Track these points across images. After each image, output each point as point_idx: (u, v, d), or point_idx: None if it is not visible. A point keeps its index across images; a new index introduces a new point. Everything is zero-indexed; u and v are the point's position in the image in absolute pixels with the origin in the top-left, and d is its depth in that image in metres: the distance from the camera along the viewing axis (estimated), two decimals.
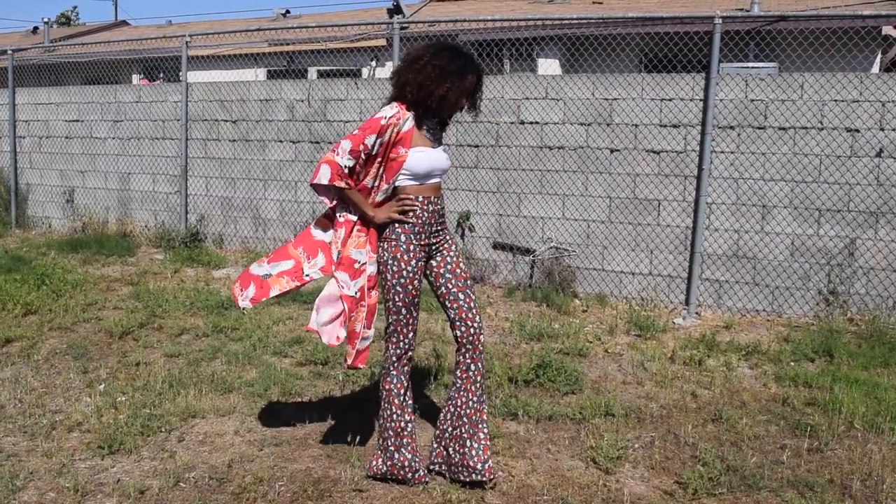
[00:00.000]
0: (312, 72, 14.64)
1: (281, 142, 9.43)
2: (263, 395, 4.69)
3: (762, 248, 7.15)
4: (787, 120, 7.01)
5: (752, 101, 7.09)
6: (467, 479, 3.54)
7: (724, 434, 4.30)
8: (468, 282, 3.63)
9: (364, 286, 3.54)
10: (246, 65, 15.38)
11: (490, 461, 3.57)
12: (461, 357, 3.59)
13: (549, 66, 12.99)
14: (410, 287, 3.50)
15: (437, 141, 3.59)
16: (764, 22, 9.86)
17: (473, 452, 3.54)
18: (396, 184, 3.51)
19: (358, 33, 14.04)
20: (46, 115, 11.42)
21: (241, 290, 3.71)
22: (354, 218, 3.58)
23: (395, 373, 3.59)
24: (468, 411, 3.58)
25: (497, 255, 8.23)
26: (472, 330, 3.56)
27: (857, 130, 6.85)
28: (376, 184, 3.53)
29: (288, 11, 19.70)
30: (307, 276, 3.67)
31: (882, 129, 6.78)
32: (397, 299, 3.50)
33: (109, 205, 10.89)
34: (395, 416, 3.58)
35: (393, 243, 3.50)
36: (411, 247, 3.51)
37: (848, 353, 5.82)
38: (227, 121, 9.76)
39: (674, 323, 6.82)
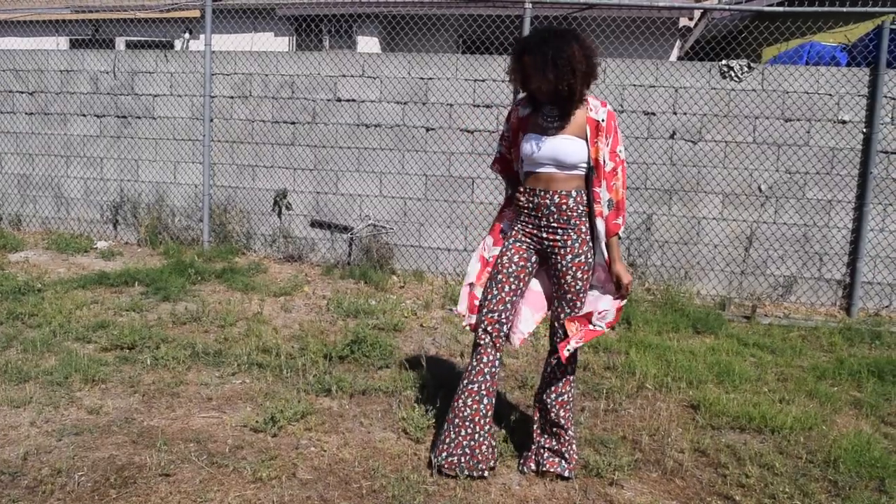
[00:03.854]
0: (120, 42, 13.87)
1: (84, 116, 8.89)
2: (64, 382, 4.44)
3: None
4: None
5: None
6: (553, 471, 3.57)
7: (529, 399, 4.50)
8: (569, 295, 3.49)
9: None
10: (45, 32, 14.33)
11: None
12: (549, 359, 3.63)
13: (368, 43, 12.98)
14: (500, 260, 3.55)
15: (553, 129, 3.44)
16: (570, 9, 10.31)
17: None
18: (523, 169, 3.56)
19: (170, 3, 13.43)
20: None
21: (468, 315, 3.68)
22: None
23: (476, 344, 3.56)
24: (553, 411, 3.59)
25: (315, 233, 8.18)
26: (556, 338, 3.55)
27: (654, 114, 7.34)
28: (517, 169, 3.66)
29: None
30: (489, 257, 3.70)
31: (675, 113, 7.30)
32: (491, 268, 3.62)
33: None
34: (458, 398, 3.55)
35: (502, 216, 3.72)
36: (511, 225, 3.63)
37: (644, 321, 6.26)
38: (23, 92, 9.08)
39: None
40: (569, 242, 3.46)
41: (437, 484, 3.41)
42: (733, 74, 7.17)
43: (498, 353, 3.54)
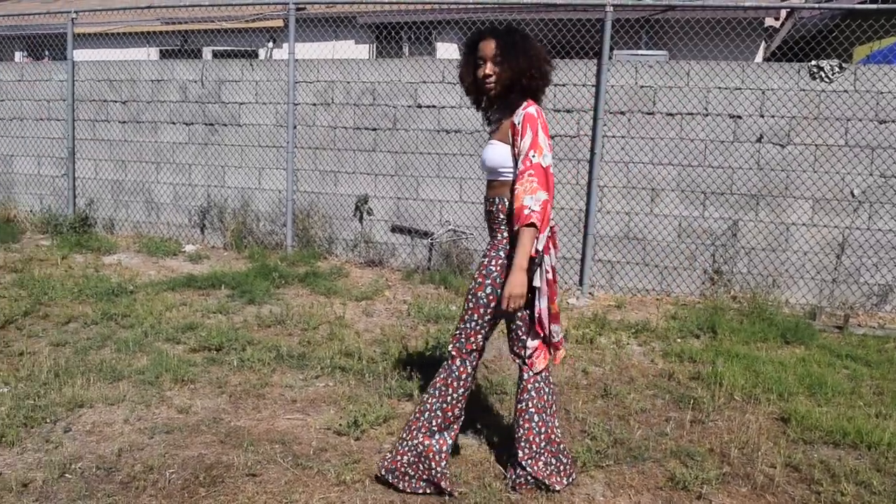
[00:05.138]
0: (207, 52, 14.27)
1: (174, 123, 9.18)
2: (155, 382, 4.58)
3: (651, 230, 7.40)
4: (674, 106, 7.26)
5: (642, 87, 7.31)
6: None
7: (613, 409, 4.45)
8: (469, 294, 3.34)
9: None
10: (137, 43, 14.86)
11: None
12: None
13: (448, 49, 13.04)
14: None
15: (490, 136, 3.40)
16: (653, 11, 10.16)
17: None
18: None
19: (254, 13, 13.76)
20: None
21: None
22: None
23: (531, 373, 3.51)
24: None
25: (395, 239, 8.25)
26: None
27: (740, 117, 7.16)
28: None
29: None
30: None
31: (762, 116, 7.10)
32: None
33: None
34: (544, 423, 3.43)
35: None
36: None
37: (730, 329, 6.09)
38: (116, 101, 9.43)
39: (568, 303, 7.00)
40: (489, 246, 3.35)
41: (518, 492, 3.39)
42: (823, 75, 6.94)
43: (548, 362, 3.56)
